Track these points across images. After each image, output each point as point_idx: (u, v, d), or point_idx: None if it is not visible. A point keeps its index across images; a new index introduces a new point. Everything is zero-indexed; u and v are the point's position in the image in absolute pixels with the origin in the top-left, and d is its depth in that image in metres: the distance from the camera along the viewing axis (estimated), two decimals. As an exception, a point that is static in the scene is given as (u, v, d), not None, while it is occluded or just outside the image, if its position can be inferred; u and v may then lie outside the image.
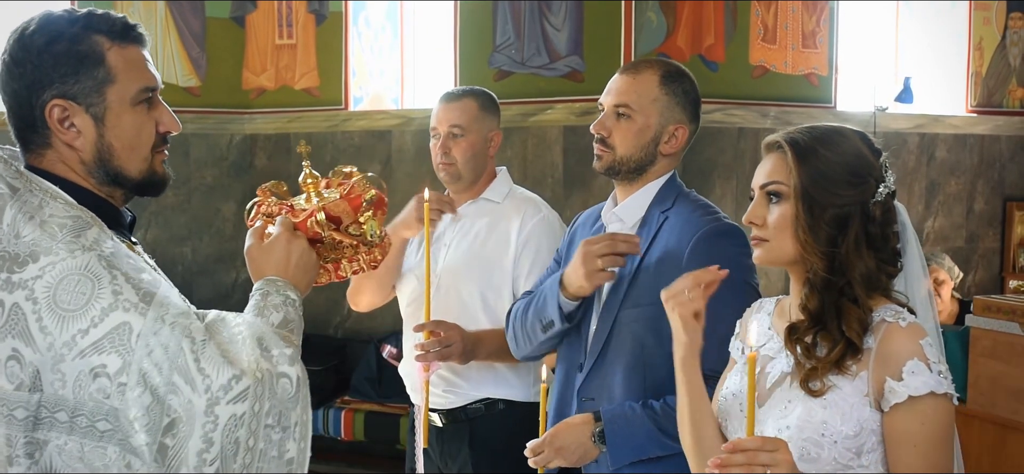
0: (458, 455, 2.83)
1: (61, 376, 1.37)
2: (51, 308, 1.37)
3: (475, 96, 2.87)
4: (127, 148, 1.54)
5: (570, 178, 5.34)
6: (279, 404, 1.43)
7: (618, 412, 2.15)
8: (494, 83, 5.47)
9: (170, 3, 6.02)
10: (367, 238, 1.75)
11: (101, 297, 1.38)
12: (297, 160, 6.47)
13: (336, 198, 1.74)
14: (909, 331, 1.61)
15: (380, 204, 1.78)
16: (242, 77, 6.30)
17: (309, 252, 1.66)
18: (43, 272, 1.39)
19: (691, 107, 2.28)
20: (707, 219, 2.18)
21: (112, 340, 1.36)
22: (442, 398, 2.82)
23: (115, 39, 1.53)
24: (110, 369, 1.36)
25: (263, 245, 1.66)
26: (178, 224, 6.12)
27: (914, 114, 6.11)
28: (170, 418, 1.36)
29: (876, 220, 1.67)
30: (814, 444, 1.62)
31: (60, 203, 1.45)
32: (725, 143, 5.42)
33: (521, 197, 2.89)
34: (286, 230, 1.66)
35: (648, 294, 2.15)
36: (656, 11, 5.25)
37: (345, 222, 1.73)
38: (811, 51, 5.71)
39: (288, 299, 1.57)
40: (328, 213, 1.71)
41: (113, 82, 1.52)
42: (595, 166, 2.29)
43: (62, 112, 1.50)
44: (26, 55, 1.49)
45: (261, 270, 1.64)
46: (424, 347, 2.63)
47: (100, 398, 1.36)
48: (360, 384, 5.72)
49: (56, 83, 1.49)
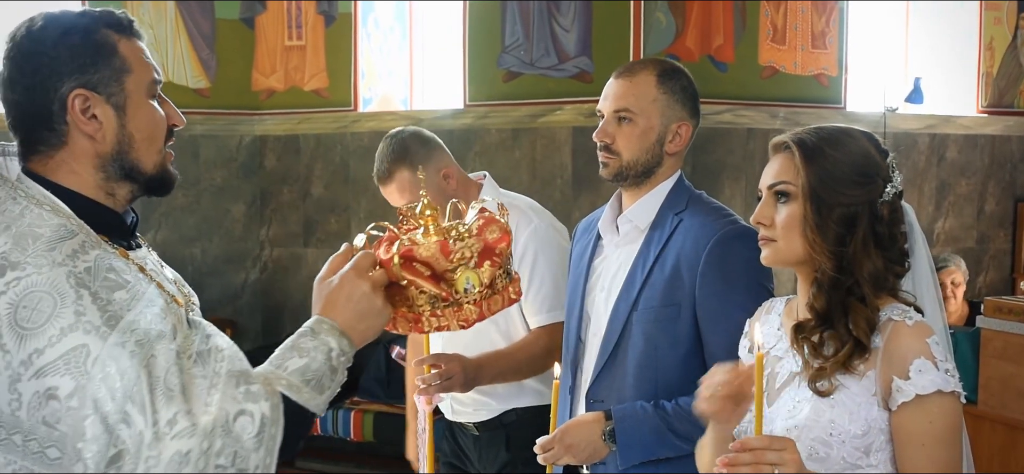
0: (496, 457, 2.81)
1: (17, 396, 1.31)
2: (11, 325, 1.31)
3: (401, 143, 2.69)
4: (146, 139, 1.51)
5: (579, 179, 5.34)
6: (234, 444, 1.32)
7: (629, 411, 2.15)
8: (503, 84, 5.48)
9: (180, 5, 6.04)
10: (458, 291, 1.50)
11: (62, 316, 1.31)
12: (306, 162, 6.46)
13: (435, 237, 1.51)
14: (916, 330, 1.61)
15: (488, 253, 1.52)
16: (251, 78, 6.31)
17: (371, 297, 1.49)
18: (7, 287, 1.33)
19: (691, 103, 2.27)
20: (722, 222, 2.17)
21: (67, 362, 1.30)
22: (474, 414, 2.79)
23: (122, 32, 1.51)
24: (61, 392, 1.29)
25: (327, 280, 1.52)
26: (187, 225, 6.14)
27: (924, 114, 6.08)
28: (117, 449, 1.29)
29: (884, 220, 1.66)
30: (822, 443, 1.62)
31: (46, 210, 1.42)
32: (734, 144, 5.41)
33: (509, 207, 2.82)
34: (355, 268, 1.50)
35: (661, 296, 2.14)
36: (665, 12, 5.24)
37: (437, 268, 1.50)
38: (820, 52, 5.69)
39: (325, 346, 1.45)
40: (410, 255, 1.49)
41: (130, 72, 1.49)
42: (602, 173, 2.27)
43: (84, 102, 1.46)
44: (40, 49, 1.45)
45: (318, 305, 1.51)
46: (426, 381, 2.54)
47: (52, 422, 1.29)
48: (369, 385, 5.72)
49: (75, 74, 1.45)
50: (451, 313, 1.52)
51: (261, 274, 6.35)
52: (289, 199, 6.21)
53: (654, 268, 2.18)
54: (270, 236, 6.36)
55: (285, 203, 6.21)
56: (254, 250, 6.39)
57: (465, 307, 1.52)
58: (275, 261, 6.33)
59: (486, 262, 1.52)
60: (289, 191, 6.18)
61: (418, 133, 2.74)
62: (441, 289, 1.50)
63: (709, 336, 2.12)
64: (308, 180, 6.13)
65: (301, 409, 1.41)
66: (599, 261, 2.32)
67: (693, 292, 2.13)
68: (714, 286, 2.11)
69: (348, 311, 1.48)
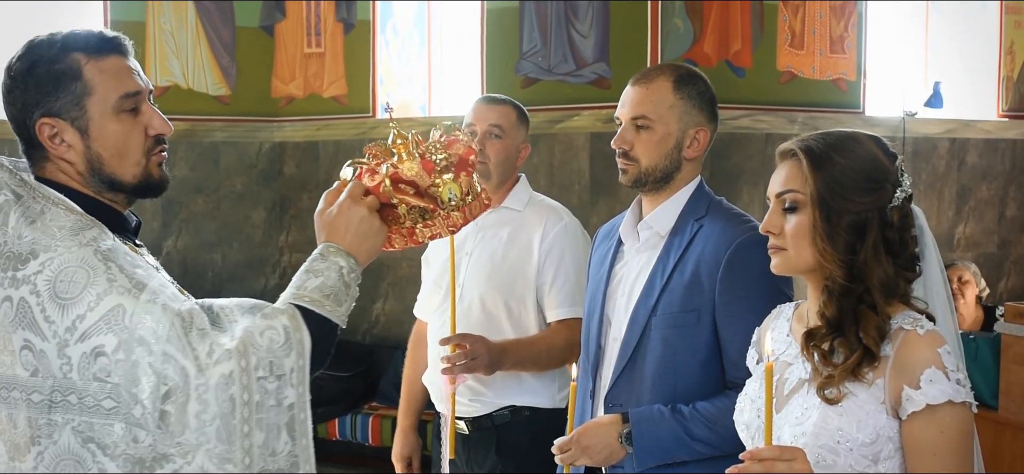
0: (485, 461, 2.84)
1: (67, 360, 1.48)
2: (52, 298, 1.48)
3: (513, 105, 2.92)
4: (115, 155, 1.62)
5: (597, 185, 5.35)
6: (268, 355, 1.49)
7: (646, 414, 2.15)
8: (521, 90, 5.49)
9: (200, 12, 6.09)
10: (443, 201, 1.69)
11: (96, 283, 1.48)
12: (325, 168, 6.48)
13: (416, 158, 1.70)
14: (927, 339, 1.60)
15: (462, 166, 1.72)
16: (271, 86, 6.36)
17: (369, 219, 1.67)
18: (43, 267, 1.49)
19: (708, 108, 2.27)
20: (742, 229, 2.17)
21: (108, 321, 1.47)
22: (468, 407, 2.83)
23: (91, 53, 1.60)
24: (107, 347, 1.46)
25: (327, 210, 1.69)
26: (208, 231, 6.19)
27: (944, 119, 6.05)
28: (167, 386, 1.46)
29: (894, 225, 1.65)
30: (830, 451, 1.61)
31: (61, 209, 1.56)
32: (752, 149, 5.40)
33: (542, 205, 2.90)
34: (350, 196, 1.68)
35: (681, 302, 2.15)
36: (683, 17, 5.24)
37: (421, 185, 1.68)
38: (839, 56, 5.68)
39: (336, 265, 1.62)
40: (398, 177, 1.68)
41: (91, 94, 1.59)
42: (621, 180, 2.28)
43: (50, 129, 1.59)
44: (14, 82, 1.60)
45: (322, 234, 1.68)
46: (450, 360, 2.64)
47: (103, 376, 1.46)
48: (387, 390, 5.75)
49: (42, 103, 1.59)
50: (441, 220, 1.70)
51: (281, 280, 6.39)
52: (308, 205, 6.23)
53: (674, 274, 2.18)
54: (289, 242, 6.40)
55: (304, 209, 6.25)
56: (273, 256, 6.43)
57: (452, 215, 1.70)
58: (294, 267, 6.33)
59: (461, 173, 1.71)
60: (309, 197, 6.21)
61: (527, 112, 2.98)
62: (428, 203, 1.69)
63: (728, 342, 2.12)
64: (327, 186, 6.08)
65: (324, 320, 1.58)
66: (620, 266, 2.33)
67: (712, 298, 2.13)
68: (733, 292, 2.11)
69: (350, 234, 1.65)
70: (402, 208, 1.69)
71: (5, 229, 1.54)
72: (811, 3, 5.58)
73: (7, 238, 1.53)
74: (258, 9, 6.28)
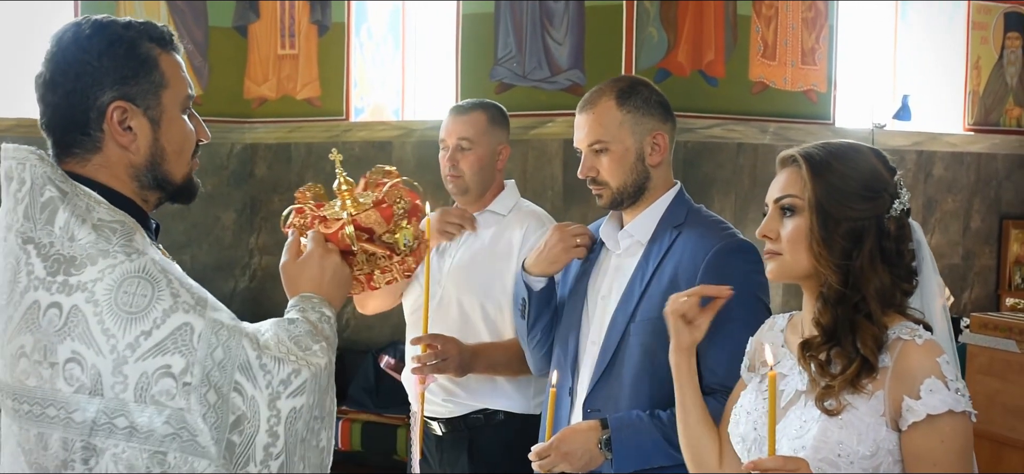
0: (457, 464, 2.83)
1: (123, 378, 1.37)
2: (113, 310, 1.37)
3: (485, 109, 2.87)
4: (176, 152, 1.57)
5: (570, 191, 5.36)
6: (319, 394, 1.47)
7: (625, 420, 2.16)
8: (495, 95, 5.50)
9: (173, 11, 6.04)
10: (400, 248, 1.73)
11: (161, 299, 1.39)
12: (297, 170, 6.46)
13: (369, 206, 1.72)
14: (926, 349, 1.60)
15: (414, 211, 1.76)
16: (244, 86, 6.32)
17: (342, 267, 1.65)
18: (103, 274, 1.39)
19: (659, 110, 2.28)
20: (721, 235, 2.19)
21: (175, 340, 1.37)
22: (442, 407, 2.83)
23: (163, 46, 1.55)
24: (174, 369, 1.37)
25: (297, 261, 1.65)
26: (177, 232, 6.13)
27: (912, 132, 6.14)
28: (235, 415, 1.38)
29: (891, 235, 1.66)
30: (830, 464, 1.60)
31: (103, 208, 1.46)
32: (724, 158, 5.45)
33: (526, 211, 2.89)
34: (318, 245, 1.65)
35: (658, 308, 2.15)
36: (657, 27, 5.28)
37: (378, 232, 1.71)
38: (810, 68, 5.74)
39: (323, 315, 1.58)
40: (358, 225, 1.69)
41: (167, 87, 1.53)
42: (599, 204, 2.31)
43: (122, 113, 1.50)
44: (85, 57, 1.48)
45: (296, 286, 1.63)
46: (420, 360, 2.63)
47: (164, 400, 1.36)
48: (357, 394, 5.73)
49: (117, 85, 1.49)
50: (397, 265, 1.74)
51: (250, 282, 6.35)
52: (279, 207, 6.18)
53: (652, 280, 2.19)
54: (260, 244, 6.36)
55: (275, 211, 6.20)
56: (243, 258, 6.38)
57: (407, 259, 1.74)
58: (264, 269, 6.33)
59: (413, 218, 1.75)
60: (280, 200, 6.18)
61: (504, 110, 2.94)
62: (384, 249, 1.72)
63: (705, 348, 2.12)
64: (299, 188, 6.13)
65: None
66: (599, 271, 2.34)
67: None
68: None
69: (326, 282, 1.63)
70: (361, 255, 1.70)
71: (51, 228, 1.42)
72: (784, 14, 5.64)
73: (53, 238, 1.41)
74: (231, 9, 6.23)
